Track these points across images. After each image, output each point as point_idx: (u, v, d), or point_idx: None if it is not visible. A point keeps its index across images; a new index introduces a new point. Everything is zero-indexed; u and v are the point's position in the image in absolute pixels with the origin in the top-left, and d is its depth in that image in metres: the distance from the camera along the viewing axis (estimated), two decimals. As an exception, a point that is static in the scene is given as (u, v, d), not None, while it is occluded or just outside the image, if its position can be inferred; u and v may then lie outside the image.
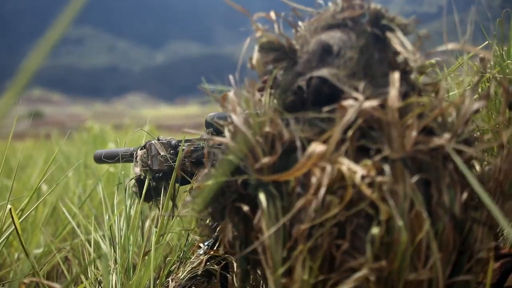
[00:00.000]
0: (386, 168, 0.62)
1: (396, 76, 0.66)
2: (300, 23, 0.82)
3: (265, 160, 0.70)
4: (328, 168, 0.63)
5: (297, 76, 0.75)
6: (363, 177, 0.61)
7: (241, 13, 0.80)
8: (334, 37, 0.74)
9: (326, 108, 0.69)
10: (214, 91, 2.19)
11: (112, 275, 1.27)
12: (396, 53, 0.72)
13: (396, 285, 0.63)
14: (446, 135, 0.65)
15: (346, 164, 0.62)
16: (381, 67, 0.71)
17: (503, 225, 0.56)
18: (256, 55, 0.79)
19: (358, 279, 0.61)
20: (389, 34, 0.72)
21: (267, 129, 0.71)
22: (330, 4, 0.79)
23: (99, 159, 1.52)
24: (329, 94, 0.71)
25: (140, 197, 1.31)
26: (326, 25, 0.77)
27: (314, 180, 0.64)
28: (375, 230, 0.61)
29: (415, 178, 0.62)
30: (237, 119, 0.74)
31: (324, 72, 0.71)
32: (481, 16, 1.49)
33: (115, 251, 1.34)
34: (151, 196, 1.33)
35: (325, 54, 0.73)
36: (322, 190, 0.63)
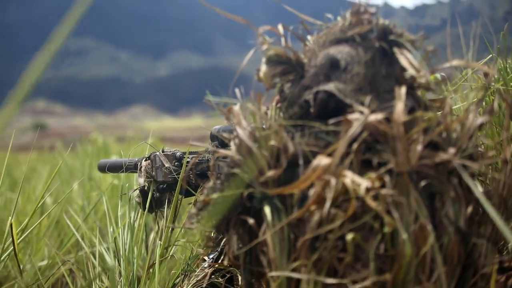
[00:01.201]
0: (391, 181, 0.63)
1: (402, 90, 0.66)
2: (308, 36, 0.83)
3: (270, 173, 0.70)
4: (333, 181, 0.63)
5: (304, 90, 0.75)
6: (367, 190, 0.62)
7: (242, 24, 0.80)
8: (342, 52, 0.74)
9: (332, 121, 0.70)
10: (219, 103, 2.20)
11: (117, 288, 1.26)
12: (403, 68, 0.72)
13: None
14: (451, 150, 0.65)
15: (350, 177, 0.63)
16: (388, 82, 0.72)
17: (508, 238, 0.56)
18: (263, 68, 0.79)
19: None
20: (396, 50, 0.73)
21: (272, 142, 0.71)
22: (339, 18, 0.80)
23: (103, 169, 1.52)
24: (335, 108, 0.71)
25: (144, 208, 1.31)
26: (334, 40, 0.77)
27: (316, 192, 0.65)
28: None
29: (419, 190, 0.62)
30: (242, 132, 0.74)
31: (330, 86, 0.71)
32: (484, 28, 1.50)
33: (119, 264, 1.34)
34: (153, 208, 1.33)
35: (332, 68, 0.74)
36: (328, 203, 0.63)
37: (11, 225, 1.15)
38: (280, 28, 0.82)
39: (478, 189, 0.61)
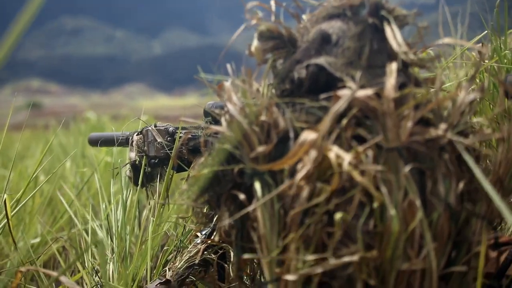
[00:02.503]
0: (381, 157, 0.63)
1: (393, 66, 0.66)
2: (303, 16, 0.82)
3: (261, 149, 0.70)
4: (313, 154, 0.63)
5: (295, 64, 0.75)
6: (354, 164, 0.62)
7: (238, 4, 0.80)
8: (333, 27, 0.74)
9: (322, 96, 0.70)
10: (212, 81, 2.19)
11: (109, 264, 1.27)
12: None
13: (389, 274, 0.63)
14: (443, 126, 0.65)
15: (334, 151, 0.62)
16: (380, 58, 0.72)
17: (506, 215, 0.56)
18: (255, 43, 0.79)
19: (347, 264, 0.62)
20: (386, 25, 0.72)
21: (263, 118, 0.71)
22: None
23: (94, 142, 1.51)
24: (326, 82, 0.71)
25: (135, 182, 1.31)
26: (327, 15, 0.77)
27: (300, 166, 0.64)
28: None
29: (409, 167, 0.62)
30: (233, 108, 0.74)
31: (321, 60, 0.71)
32: (480, 6, 1.49)
33: (112, 240, 1.34)
34: (144, 183, 1.33)
35: (324, 43, 0.73)
36: (303, 172, 0.63)
37: (5, 200, 1.15)
38: (272, 3, 0.81)
39: (475, 165, 0.61)
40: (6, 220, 1.26)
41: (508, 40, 1.32)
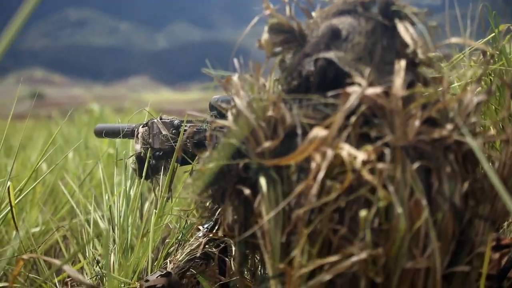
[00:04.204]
0: (387, 154, 0.63)
1: (402, 64, 0.66)
2: (313, 13, 0.82)
3: (267, 144, 0.70)
4: (329, 152, 0.63)
5: (304, 57, 0.75)
6: (363, 162, 0.62)
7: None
8: (344, 22, 0.74)
9: (330, 93, 0.70)
10: (216, 76, 2.18)
11: (111, 255, 1.27)
12: (404, 43, 0.72)
13: (393, 272, 0.63)
14: (449, 126, 0.65)
15: (346, 149, 0.62)
16: (389, 55, 0.72)
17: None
18: (265, 35, 0.79)
19: (355, 263, 0.62)
20: (397, 21, 0.72)
21: (270, 113, 0.71)
22: None
23: (100, 133, 1.52)
24: (334, 78, 0.71)
25: (139, 175, 1.31)
26: (337, 11, 0.77)
27: (314, 165, 0.64)
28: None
29: (415, 165, 0.62)
30: (240, 102, 0.74)
31: (330, 54, 0.71)
32: (487, 8, 1.49)
33: (113, 231, 1.34)
34: (149, 175, 1.33)
35: (333, 37, 0.73)
36: (321, 174, 0.63)
37: (8, 188, 1.16)
38: None
39: (485, 160, 0.61)
40: (6, 209, 1.27)
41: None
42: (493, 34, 1.35)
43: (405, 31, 0.71)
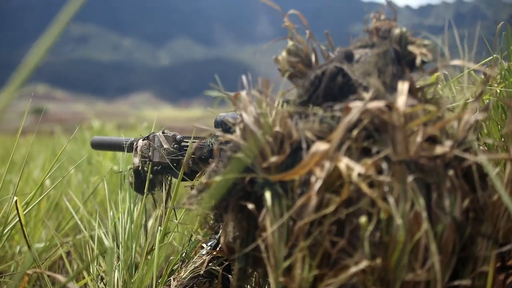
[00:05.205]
0: (389, 170, 0.64)
1: (405, 85, 0.68)
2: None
3: (273, 159, 0.71)
4: (327, 164, 0.64)
5: (316, 69, 0.78)
6: (361, 175, 0.63)
7: (243, 17, 0.83)
8: (358, 51, 0.77)
9: (337, 107, 0.71)
10: (224, 92, 2.19)
11: (115, 272, 1.28)
12: (412, 79, 0.74)
13: (393, 284, 0.64)
14: (448, 142, 0.66)
15: (344, 162, 0.64)
16: (395, 81, 0.73)
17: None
18: (283, 53, 0.83)
19: (353, 275, 0.63)
20: (412, 48, 0.75)
21: (277, 129, 0.73)
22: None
23: (97, 146, 1.52)
24: (340, 89, 0.73)
25: (136, 188, 1.31)
26: (354, 47, 0.81)
27: (314, 178, 0.66)
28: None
29: (416, 179, 0.64)
30: (248, 118, 0.75)
31: (341, 65, 0.74)
32: (488, 30, 1.50)
33: (118, 248, 1.35)
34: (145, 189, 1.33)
35: (346, 58, 0.76)
36: (318, 185, 0.64)
37: (15, 202, 1.17)
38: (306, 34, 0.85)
39: (495, 176, 0.62)
40: (11, 224, 1.27)
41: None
42: (491, 56, 1.36)
43: (415, 48, 0.73)
